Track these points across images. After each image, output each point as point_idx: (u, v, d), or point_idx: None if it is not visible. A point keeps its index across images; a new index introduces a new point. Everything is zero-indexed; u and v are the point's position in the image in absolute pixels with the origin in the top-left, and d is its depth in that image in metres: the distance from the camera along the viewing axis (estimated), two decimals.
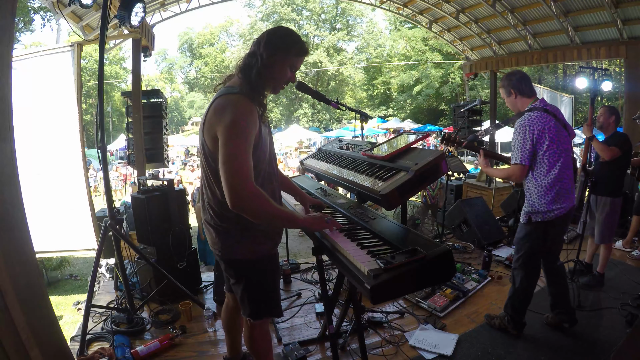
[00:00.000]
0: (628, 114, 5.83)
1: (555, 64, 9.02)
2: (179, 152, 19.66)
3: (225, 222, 1.54)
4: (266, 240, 1.60)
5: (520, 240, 2.36)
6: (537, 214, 2.22)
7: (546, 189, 2.16)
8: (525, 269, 2.35)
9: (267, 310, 1.67)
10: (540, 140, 2.11)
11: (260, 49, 1.42)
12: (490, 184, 6.37)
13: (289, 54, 1.45)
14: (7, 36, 1.48)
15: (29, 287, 1.58)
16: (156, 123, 5.25)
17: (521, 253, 2.35)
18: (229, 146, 1.33)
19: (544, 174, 2.16)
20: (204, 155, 1.50)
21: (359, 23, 34.02)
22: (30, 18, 17.60)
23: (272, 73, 1.45)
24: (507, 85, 2.31)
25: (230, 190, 1.31)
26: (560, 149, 2.16)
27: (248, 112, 1.37)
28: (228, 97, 1.41)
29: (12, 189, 1.53)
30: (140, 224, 3.12)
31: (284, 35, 1.46)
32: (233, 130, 1.33)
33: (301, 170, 3.04)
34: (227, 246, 1.57)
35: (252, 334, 1.72)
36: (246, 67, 1.44)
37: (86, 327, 2.45)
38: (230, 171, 1.31)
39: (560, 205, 2.18)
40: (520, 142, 2.14)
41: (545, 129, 2.10)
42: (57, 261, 6.12)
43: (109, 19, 2.95)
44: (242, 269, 1.61)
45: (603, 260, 3.22)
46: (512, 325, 2.45)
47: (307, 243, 6.90)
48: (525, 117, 2.16)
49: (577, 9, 6.00)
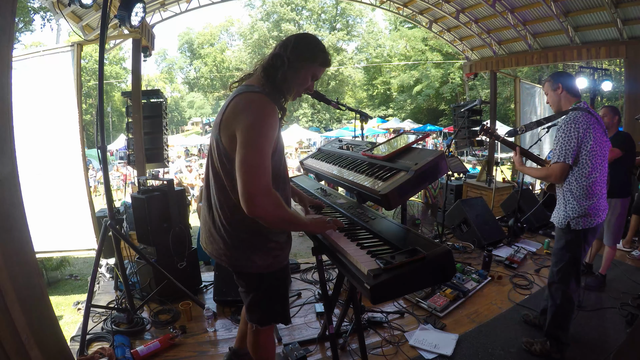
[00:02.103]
0: (628, 113, 5.82)
1: (555, 64, 9.00)
2: (179, 152, 19.65)
3: (238, 229, 1.45)
4: (281, 252, 1.54)
5: (559, 251, 2.20)
6: (578, 220, 2.10)
7: (587, 191, 2.06)
8: (567, 281, 2.19)
9: (275, 318, 1.64)
10: (585, 140, 2.02)
11: (287, 52, 1.39)
12: (490, 184, 6.37)
13: (315, 62, 1.43)
14: (7, 36, 1.48)
15: (29, 287, 1.58)
16: (156, 123, 5.26)
17: (562, 265, 2.18)
18: (249, 148, 1.26)
19: (586, 175, 2.05)
20: (218, 155, 1.41)
21: (358, 23, 34.07)
22: (30, 18, 17.61)
23: (297, 78, 1.42)
24: (556, 80, 2.20)
25: (247, 195, 1.24)
26: (602, 152, 2.08)
27: (270, 113, 1.32)
28: (249, 96, 1.35)
29: (12, 189, 1.53)
30: (140, 224, 3.12)
31: (313, 43, 1.44)
32: (254, 132, 1.27)
33: (301, 170, 3.04)
34: (239, 259, 1.49)
35: (257, 340, 1.69)
36: (271, 67, 1.40)
37: (86, 327, 2.45)
38: (250, 175, 1.25)
39: (600, 210, 2.10)
40: (565, 140, 2.03)
41: (590, 129, 2.02)
42: (57, 261, 6.12)
43: (109, 19, 2.96)
44: (254, 282, 1.56)
45: (607, 262, 3.22)
46: (555, 348, 2.24)
47: (307, 243, 6.90)
48: (572, 115, 2.07)
49: (577, 9, 6.00)
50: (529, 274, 3.45)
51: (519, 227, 4.46)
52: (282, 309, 1.64)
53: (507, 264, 3.66)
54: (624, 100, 6.53)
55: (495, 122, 8.10)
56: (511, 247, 4.07)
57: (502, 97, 21.97)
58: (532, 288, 3.19)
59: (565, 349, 2.26)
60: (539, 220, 4.72)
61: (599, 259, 3.34)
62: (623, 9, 5.50)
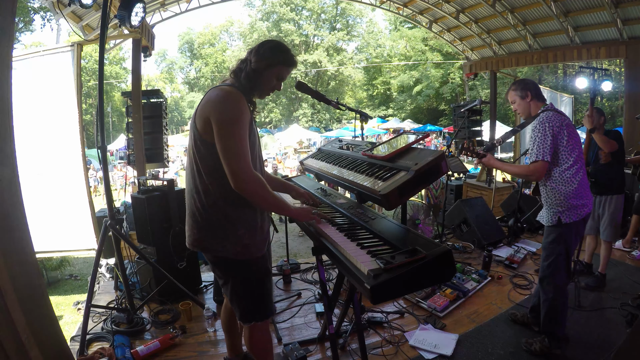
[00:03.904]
0: (628, 113, 5.83)
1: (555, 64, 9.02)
2: (179, 152, 19.65)
3: (210, 213, 1.55)
4: (250, 241, 1.59)
5: (550, 245, 2.22)
6: (568, 212, 2.15)
7: (571, 181, 2.14)
8: (558, 274, 2.20)
9: (254, 315, 1.66)
10: (559, 136, 2.12)
11: (251, 56, 1.57)
12: (490, 184, 6.37)
13: (275, 63, 1.57)
14: (7, 36, 1.48)
15: (29, 287, 1.58)
16: (156, 123, 5.26)
17: (552, 258, 2.21)
18: (227, 131, 1.43)
19: (567, 167, 2.14)
20: (194, 142, 1.54)
21: (358, 23, 34.08)
22: (30, 18, 17.61)
23: (260, 77, 1.57)
24: (524, 88, 2.29)
25: (233, 171, 1.42)
26: (577, 145, 2.17)
27: (241, 101, 1.49)
28: (221, 88, 1.52)
29: (12, 189, 1.53)
30: (140, 224, 3.12)
31: (275, 47, 1.59)
32: (229, 116, 1.44)
33: (301, 170, 3.04)
34: (210, 242, 1.57)
35: (252, 336, 1.72)
36: (238, 70, 1.59)
37: (86, 327, 2.45)
38: (233, 153, 1.42)
39: (586, 200, 2.16)
40: (541, 139, 2.11)
41: (563, 125, 2.12)
42: (57, 261, 6.13)
43: (109, 19, 2.95)
44: (227, 268, 1.62)
45: (604, 260, 3.22)
46: (554, 343, 2.24)
47: (307, 243, 6.90)
48: (543, 116, 2.16)
49: (577, 9, 6.00)
50: (529, 274, 3.45)
51: (519, 227, 4.46)
52: (261, 306, 1.66)
53: (507, 264, 3.66)
54: (624, 100, 6.54)
55: (495, 122, 8.10)
56: (511, 247, 4.07)
57: (502, 97, 21.86)
58: (532, 288, 3.18)
59: (565, 345, 2.27)
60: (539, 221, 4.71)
61: (597, 259, 3.34)
62: (623, 9, 5.51)
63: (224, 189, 1.49)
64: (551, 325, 2.25)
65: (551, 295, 2.23)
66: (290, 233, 6.01)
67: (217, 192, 1.53)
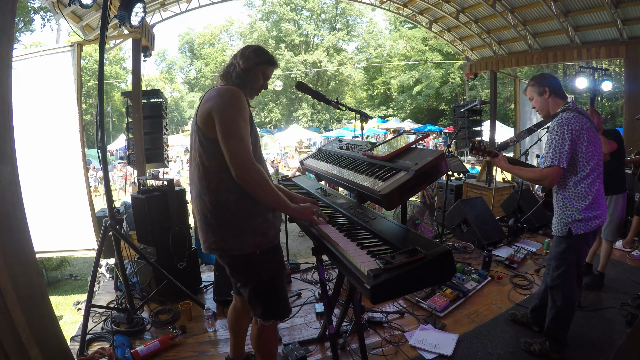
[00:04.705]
0: (628, 114, 5.83)
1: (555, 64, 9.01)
2: (179, 152, 19.64)
3: (222, 211, 1.55)
4: (268, 230, 1.61)
5: (561, 255, 2.15)
6: (579, 224, 2.05)
7: (586, 193, 2.02)
8: (568, 284, 2.15)
9: (278, 310, 1.69)
10: (578, 141, 1.97)
11: (237, 59, 1.66)
12: (490, 184, 6.37)
13: (262, 61, 1.67)
14: (7, 36, 1.48)
15: (29, 287, 1.58)
16: (156, 123, 5.25)
17: (563, 268, 2.14)
18: (229, 121, 1.47)
19: (584, 177, 2.01)
20: (199, 141, 1.56)
21: (358, 23, 34.07)
22: (30, 18, 17.61)
23: (248, 76, 1.65)
24: (541, 84, 2.14)
25: (235, 160, 1.45)
26: (597, 152, 2.04)
27: (241, 96, 1.55)
28: (219, 87, 1.58)
29: (12, 189, 1.52)
30: (140, 224, 3.12)
31: (256, 48, 1.71)
32: (231, 109, 1.49)
33: (301, 170, 3.04)
34: (229, 241, 1.56)
35: (261, 335, 1.72)
36: (226, 73, 1.67)
37: (86, 327, 2.45)
38: (234, 143, 1.45)
39: (599, 211, 2.05)
40: (558, 143, 1.97)
41: (583, 129, 1.97)
42: (57, 261, 6.12)
43: (109, 19, 2.95)
44: (248, 266, 1.61)
45: (604, 259, 3.22)
46: (555, 347, 2.22)
47: (307, 243, 6.90)
48: (562, 117, 2.01)
49: (577, 9, 6.00)
50: (529, 274, 3.45)
51: (519, 227, 4.46)
52: (282, 300, 1.69)
53: (507, 264, 3.66)
54: (624, 100, 6.54)
55: (495, 122, 8.09)
56: (511, 247, 4.07)
57: (502, 97, 21.97)
58: (532, 288, 3.19)
59: (565, 349, 2.25)
60: (539, 220, 4.72)
61: (597, 259, 3.34)
62: (623, 9, 5.51)
63: (235, 182, 1.50)
64: (556, 330, 2.22)
65: (559, 304, 2.18)
66: (290, 233, 6.01)
67: (228, 187, 1.53)
